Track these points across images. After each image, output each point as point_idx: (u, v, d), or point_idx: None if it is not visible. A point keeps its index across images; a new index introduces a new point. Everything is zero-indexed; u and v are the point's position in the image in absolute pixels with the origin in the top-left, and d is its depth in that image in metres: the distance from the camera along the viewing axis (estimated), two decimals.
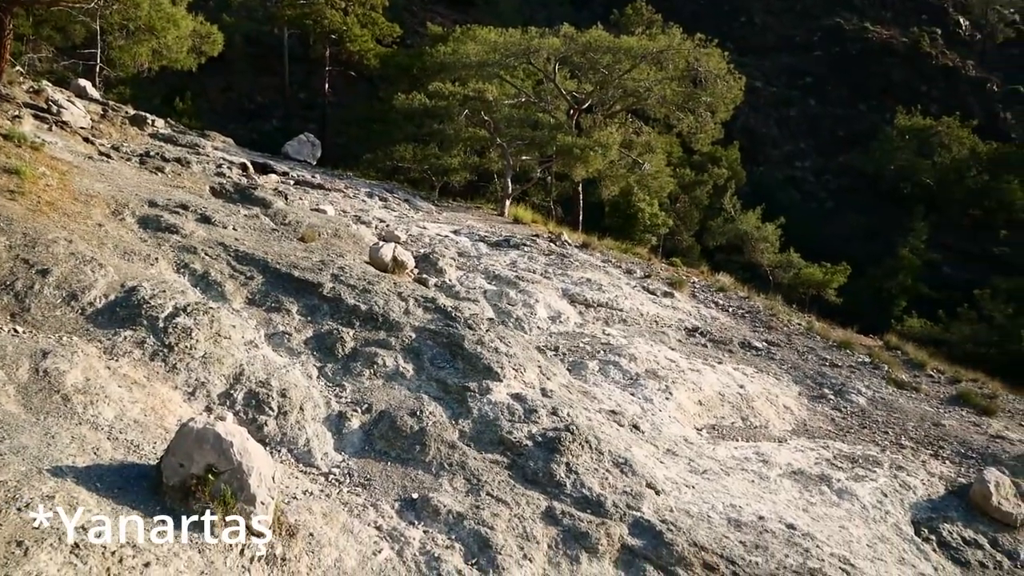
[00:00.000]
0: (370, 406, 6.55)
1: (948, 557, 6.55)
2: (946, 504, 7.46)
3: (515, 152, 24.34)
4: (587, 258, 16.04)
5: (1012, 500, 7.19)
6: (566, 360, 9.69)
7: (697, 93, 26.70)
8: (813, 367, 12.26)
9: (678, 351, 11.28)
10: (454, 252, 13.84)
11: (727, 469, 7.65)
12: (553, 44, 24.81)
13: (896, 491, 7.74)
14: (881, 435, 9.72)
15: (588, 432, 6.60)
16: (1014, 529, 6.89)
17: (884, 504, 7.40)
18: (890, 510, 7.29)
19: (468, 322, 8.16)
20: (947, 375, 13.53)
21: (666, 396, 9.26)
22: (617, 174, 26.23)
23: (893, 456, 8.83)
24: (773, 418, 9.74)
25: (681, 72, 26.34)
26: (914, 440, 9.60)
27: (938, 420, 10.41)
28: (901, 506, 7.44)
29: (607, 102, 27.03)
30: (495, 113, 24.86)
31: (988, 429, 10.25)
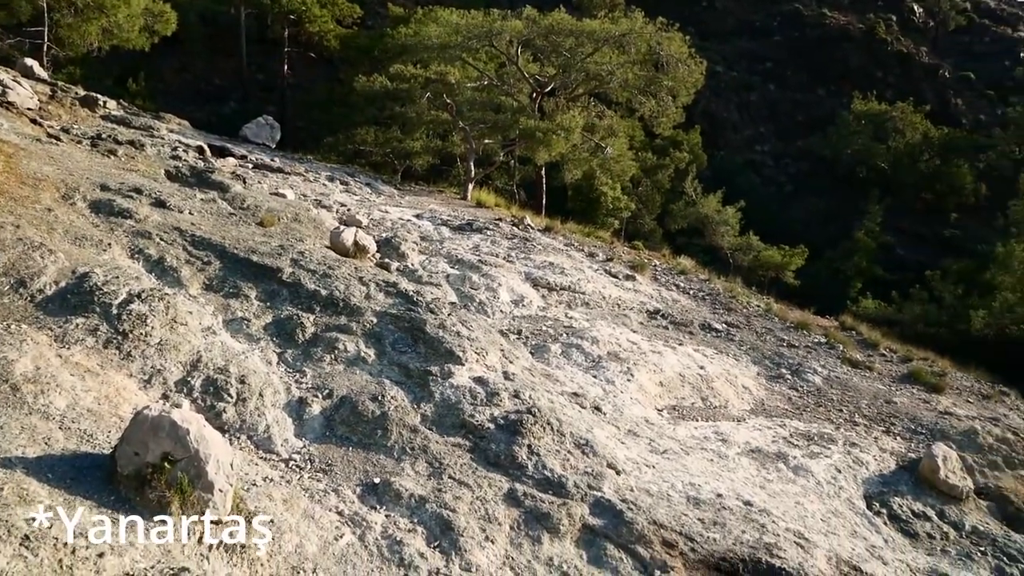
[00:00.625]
0: (331, 391, 6.51)
1: (898, 529, 6.75)
2: (897, 479, 7.68)
3: (478, 135, 24.22)
4: (550, 242, 16.08)
5: (958, 474, 7.43)
6: (529, 343, 9.73)
7: (659, 77, 26.82)
8: (771, 348, 12.49)
9: (640, 333, 11.40)
10: (416, 236, 13.76)
11: (687, 448, 7.77)
12: (516, 27, 24.66)
13: (849, 467, 7.94)
14: (836, 413, 9.97)
15: (550, 414, 6.65)
16: (960, 501, 7.12)
17: (838, 480, 7.59)
18: (843, 485, 7.49)
19: (430, 306, 8.13)
20: (899, 354, 13.89)
21: (628, 378, 9.36)
22: (580, 158, 26.27)
23: (847, 433, 9.06)
24: (732, 398, 9.91)
25: (643, 56, 26.42)
26: (867, 417, 9.86)
27: (890, 398, 10.69)
28: (854, 481, 7.65)
29: (570, 85, 27.02)
30: (457, 96, 24.68)
31: (937, 406, 10.56)
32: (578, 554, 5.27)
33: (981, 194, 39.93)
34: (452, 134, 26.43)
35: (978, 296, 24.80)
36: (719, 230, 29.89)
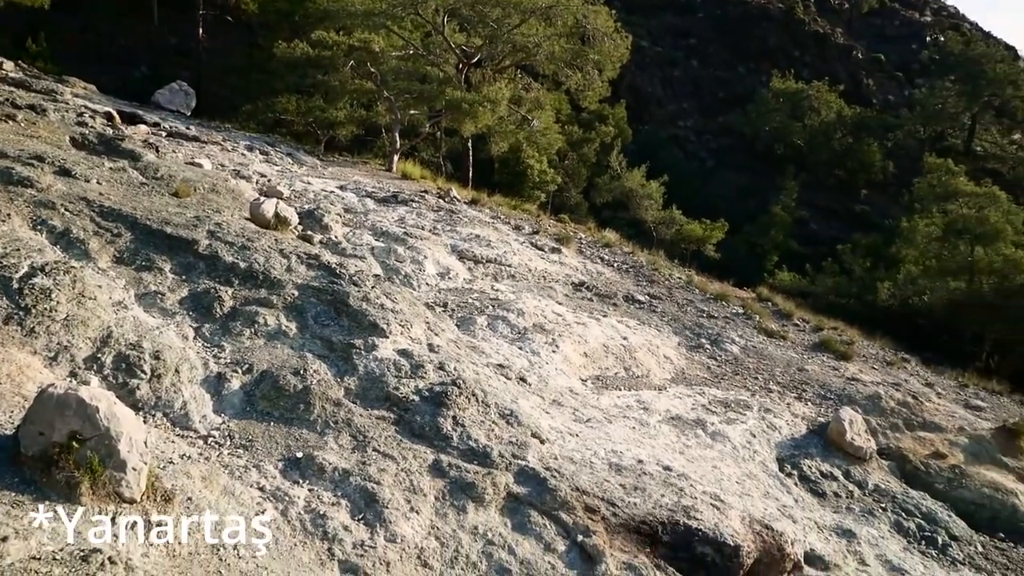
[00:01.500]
0: (251, 366, 6.36)
1: (808, 490, 7.08)
2: (807, 442, 8.04)
3: (403, 106, 23.83)
4: (476, 214, 16.04)
5: (863, 436, 7.85)
6: (455, 316, 9.72)
7: (585, 50, 26.91)
8: (692, 319, 12.85)
9: (565, 305, 11.54)
10: (340, 208, 13.51)
11: (610, 417, 7.95)
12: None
13: (763, 432, 8.29)
14: (752, 381, 10.36)
15: (475, 385, 6.68)
16: (864, 461, 7.52)
17: (752, 444, 7.91)
18: (758, 449, 7.81)
19: (353, 279, 8.02)
20: (811, 324, 14.52)
21: (553, 349, 9.47)
22: (506, 130, 26.19)
23: (762, 400, 9.44)
24: (654, 368, 10.16)
25: (569, 29, 26.42)
26: (781, 384, 10.30)
27: (802, 365, 11.17)
28: (767, 445, 7.99)
29: (496, 57, 26.82)
30: (382, 65, 24.18)
31: (845, 372, 11.09)
32: (503, 522, 5.34)
33: (889, 172, 41.84)
34: (377, 104, 25.93)
35: (884, 269, 26.08)
36: (643, 204, 30.42)
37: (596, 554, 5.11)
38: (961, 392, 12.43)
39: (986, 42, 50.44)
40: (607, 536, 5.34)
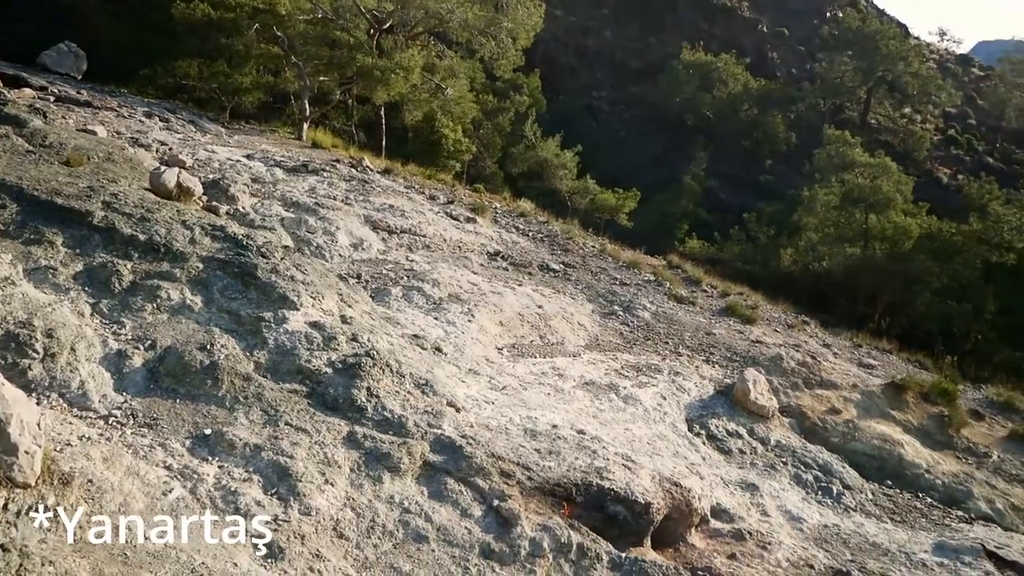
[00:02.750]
0: (154, 342, 6.12)
1: (715, 448, 7.40)
2: (714, 403, 8.37)
3: (312, 72, 23.11)
4: (390, 184, 15.80)
5: (766, 395, 8.23)
6: (369, 287, 9.60)
7: (498, 18, 26.68)
8: (605, 286, 13.10)
9: (480, 275, 11.56)
10: (247, 178, 13.06)
11: (525, 384, 8.05)
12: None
13: (673, 394, 8.58)
14: (662, 345, 10.69)
15: (389, 356, 6.63)
16: (767, 419, 7.90)
17: (663, 406, 8.18)
18: (668, 411, 8.08)
19: (262, 250, 7.79)
20: (719, 290, 15.05)
21: (468, 319, 9.50)
22: (420, 99, 25.80)
23: (672, 363, 9.76)
24: (568, 335, 10.34)
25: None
26: (690, 348, 10.65)
27: (710, 329, 11.58)
28: (677, 407, 8.27)
29: (409, 23, 26.27)
30: (289, 29, 23.33)
31: (750, 335, 11.57)
32: (419, 490, 5.37)
33: (792, 143, 43.45)
34: (285, 70, 25.03)
35: (787, 236, 27.23)
36: (557, 173, 30.65)
37: (512, 517, 5.20)
38: (855, 352, 13.13)
39: (880, 19, 52.64)
40: (523, 500, 5.44)
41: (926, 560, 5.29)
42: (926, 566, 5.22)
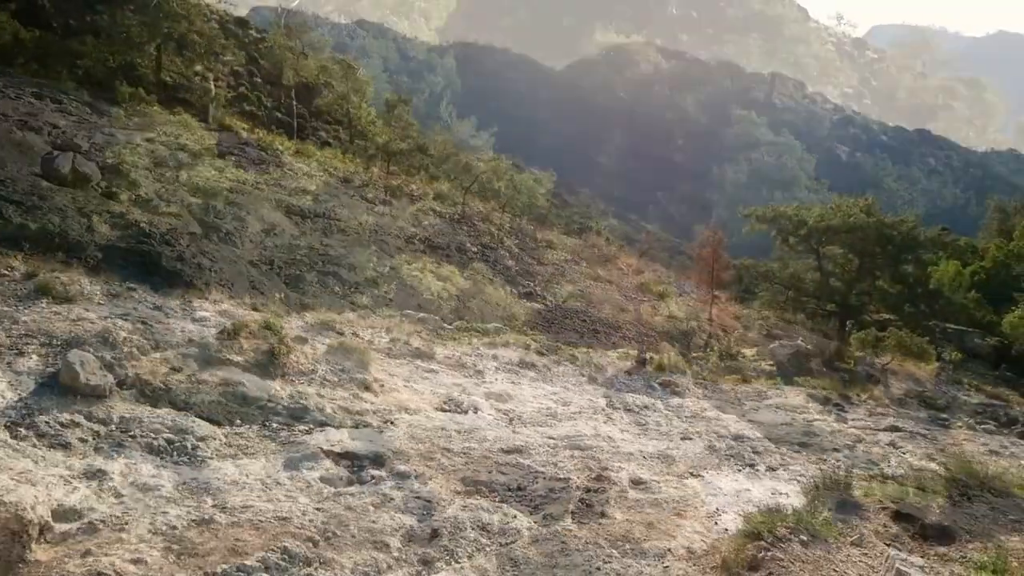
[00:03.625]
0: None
1: (49, 445, 6.24)
2: (39, 398, 7.22)
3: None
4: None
5: (99, 373, 7.32)
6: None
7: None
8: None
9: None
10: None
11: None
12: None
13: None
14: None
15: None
16: (106, 398, 7.02)
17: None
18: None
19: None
20: (22, 271, 12.54)
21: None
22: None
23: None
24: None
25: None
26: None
27: (17, 318, 8.80)
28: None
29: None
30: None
31: (70, 315, 9.84)
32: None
33: (85, 101, 38.59)
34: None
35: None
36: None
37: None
38: (187, 308, 11.76)
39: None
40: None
41: (279, 479, 5.49)
42: (279, 483, 5.42)
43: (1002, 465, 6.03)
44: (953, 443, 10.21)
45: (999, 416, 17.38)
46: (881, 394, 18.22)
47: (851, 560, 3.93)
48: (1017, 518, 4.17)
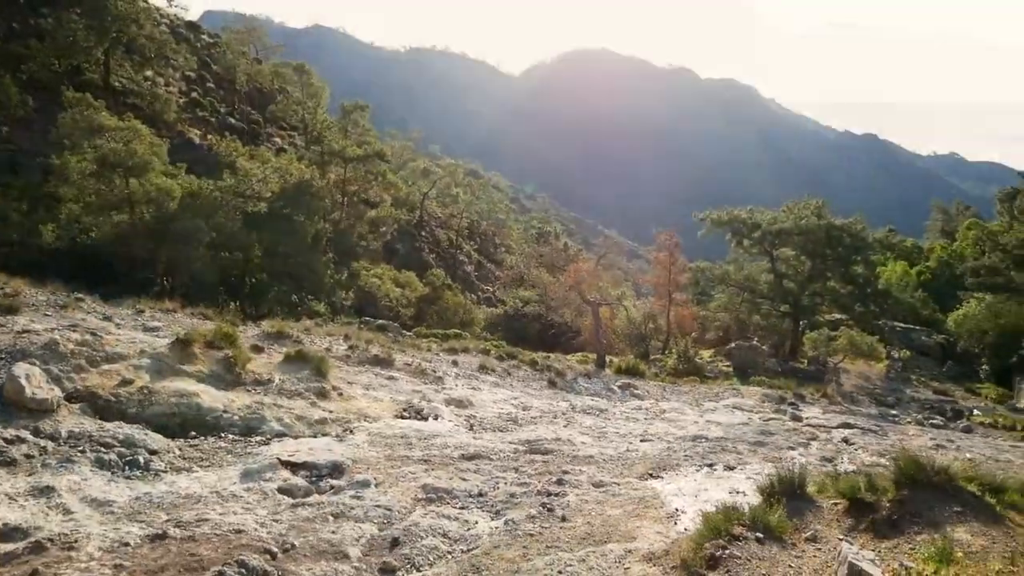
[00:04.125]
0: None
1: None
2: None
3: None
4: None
5: (46, 387, 7.15)
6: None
7: None
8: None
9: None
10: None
11: None
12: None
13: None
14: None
15: None
16: (53, 412, 6.95)
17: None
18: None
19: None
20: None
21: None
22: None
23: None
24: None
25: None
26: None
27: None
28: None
29: None
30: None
31: (14, 327, 9.56)
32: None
33: (30, 107, 37.33)
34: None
35: (45, 210, 25.36)
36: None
37: None
38: (139, 318, 12.10)
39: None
40: None
41: (235, 491, 5.50)
42: (235, 496, 5.43)
43: (948, 458, 6.21)
44: (903, 438, 10.52)
45: (945, 411, 18.00)
46: (834, 392, 18.72)
47: (806, 555, 4.02)
48: (961, 509, 4.32)
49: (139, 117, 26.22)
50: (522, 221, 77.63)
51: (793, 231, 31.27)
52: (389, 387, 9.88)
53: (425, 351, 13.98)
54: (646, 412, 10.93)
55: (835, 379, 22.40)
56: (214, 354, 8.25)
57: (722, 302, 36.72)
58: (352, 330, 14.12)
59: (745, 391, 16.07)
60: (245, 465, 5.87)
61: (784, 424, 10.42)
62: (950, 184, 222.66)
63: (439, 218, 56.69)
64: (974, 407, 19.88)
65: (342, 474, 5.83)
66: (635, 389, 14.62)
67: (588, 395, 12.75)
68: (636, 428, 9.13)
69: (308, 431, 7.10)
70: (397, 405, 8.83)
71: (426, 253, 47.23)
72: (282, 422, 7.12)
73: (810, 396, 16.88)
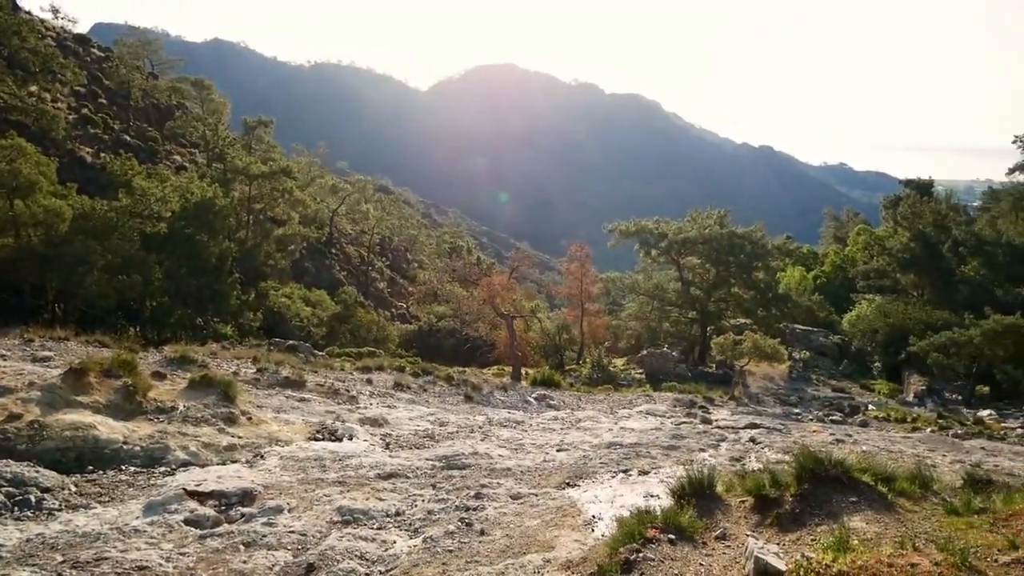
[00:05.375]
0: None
1: None
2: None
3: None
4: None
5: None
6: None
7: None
8: None
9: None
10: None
11: None
12: None
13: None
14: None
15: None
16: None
17: None
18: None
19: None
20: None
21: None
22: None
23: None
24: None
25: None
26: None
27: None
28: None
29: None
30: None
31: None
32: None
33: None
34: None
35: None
36: None
37: None
38: (27, 348, 11.70)
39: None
40: None
41: (138, 526, 5.38)
42: (138, 531, 5.34)
43: (845, 452, 6.56)
44: (805, 435, 11.02)
45: (843, 407, 18.98)
46: (741, 394, 19.46)
47: (716, 553, 4.16)
48: (857, 499, 4.57)
49: (25, 135, 24.80)
50: (434, 236, 77.53)
51: (698, 240, 32.44)
52: (301, 409, 9.65)
53: (338, 371, 13.72)
54: (562, 422, 11.06)
55: (742, 381, 23.27)
56: (112, 383, 7.85)
57: (633, 311, 37.69)
58: (261, 352, 13.73)
59: (657, 397, 16.49)
60: (148, 498, 5.60)
61: (695, 427, 10.74)
62: (840, 192, 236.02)
63: (350, 235, 55.91)
64: (869, 402, 21.07)
65: (253, 501, 5.65)
66: (551, 400, 14.78)
67: (505, 408, 12.81)
68: (553, 438, 9.23)
69: (216, 459, 6.84)
70: (310, 427, 8.63)
71: (337, 271, 46.50)
72: (188, 451, 6.84)
73: (719, 399, 17.49)
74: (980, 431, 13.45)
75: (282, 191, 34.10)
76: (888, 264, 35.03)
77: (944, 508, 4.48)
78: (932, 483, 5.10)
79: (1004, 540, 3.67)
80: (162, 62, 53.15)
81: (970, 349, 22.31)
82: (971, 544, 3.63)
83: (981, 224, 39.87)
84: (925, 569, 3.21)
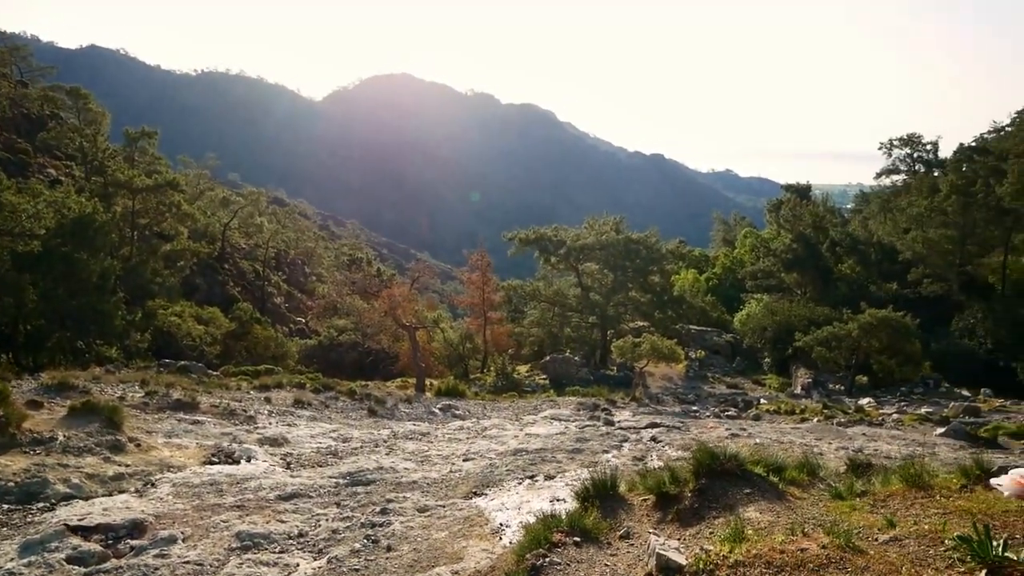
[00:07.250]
0: None
1: None
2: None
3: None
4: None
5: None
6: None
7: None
8: None
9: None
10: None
11: None
12: None
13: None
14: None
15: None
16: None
17: None
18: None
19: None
20: None
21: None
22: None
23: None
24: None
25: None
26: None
27: None
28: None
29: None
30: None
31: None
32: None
33: None
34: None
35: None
36: None
37: None
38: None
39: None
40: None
41: (13, 568, 5.31)
42: (14, 574, 5.27)
43: (739, 445, 6.86)
44: (702, 431, 11.44)
45: (738, 403, 19.83)
46: (642, 395, 20.00)
47: (620, 552, 4.24)
48: (751, 490, 4.78)
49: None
50: (332, 248, 75.97)
51: (595, 246, 33.23)
52: (195, 432, 9.22)
53: (234, 390, 13.20)
54: (468, 431, 11.03)
55: (642, 383, 23.93)
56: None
57: (535, 318, 38.17)
58: (150, 374, 13.04)
59: (562, 402, 16.71)
60: (25, 537, 5.21)
61: (599, 430, 10.95)
62: (727, 197, 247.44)
63: (243, 249, 53.98)
64: (761, 397, 22.11)
65: (144, 532, 5.34)
66: (456, 410, 14.73)
67: (410, 420, 12.66)
68: (459, 448, 9.19)
69: (102, 490, 6.43)
70: (205, 451, 8.25)
71: (231, 287, 44.75)
72: (69, 483, 6.39)
73: (621, 401, 17.90)
74: (861, 418, 14.32)
75: (169, 205, 32.59)
76: (773, 264, 36.95)
77: (830, 493, 4.74)
78: (819, 470, 5.40)
79: (883, 520, 3.91)
80: (32, 69, 50.07)
81: (849, 342, 23.82)
82: (854, 526, 3.85)
83: (854, 225, 42.69)
84: (814, 553, 3.38)
